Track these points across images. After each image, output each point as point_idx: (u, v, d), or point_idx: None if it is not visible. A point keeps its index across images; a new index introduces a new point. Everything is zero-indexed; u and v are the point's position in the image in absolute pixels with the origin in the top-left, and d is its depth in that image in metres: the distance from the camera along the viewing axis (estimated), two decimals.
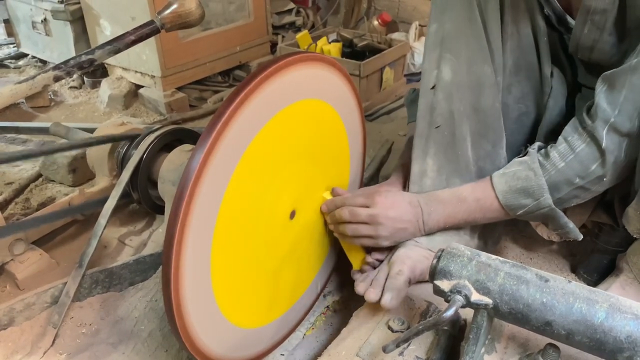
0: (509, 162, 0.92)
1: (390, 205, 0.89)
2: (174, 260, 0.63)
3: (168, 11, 1.27)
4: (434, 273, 0.72)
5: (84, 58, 1.21)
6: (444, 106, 0.90)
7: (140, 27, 1.27)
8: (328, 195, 0.92)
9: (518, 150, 0.99)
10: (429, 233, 0.92)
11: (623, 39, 0.83)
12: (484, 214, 0.89)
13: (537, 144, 0.88)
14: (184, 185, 0.62)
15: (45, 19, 2.01)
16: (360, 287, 0.86)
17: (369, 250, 0.96)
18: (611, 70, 0.78)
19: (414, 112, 0.97)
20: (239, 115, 0.66)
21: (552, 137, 0.97)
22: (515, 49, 0.93)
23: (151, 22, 1.29)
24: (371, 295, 0.83)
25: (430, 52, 0.91)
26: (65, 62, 1.22)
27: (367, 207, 0.88)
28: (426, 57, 0.92)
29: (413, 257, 0.89)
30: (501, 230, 1.06)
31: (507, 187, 0.86)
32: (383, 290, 0.83)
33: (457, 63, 0.89)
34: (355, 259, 0.96)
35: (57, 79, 1.24)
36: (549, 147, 0.85)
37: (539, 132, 0.98)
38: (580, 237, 0.89)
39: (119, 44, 1.23)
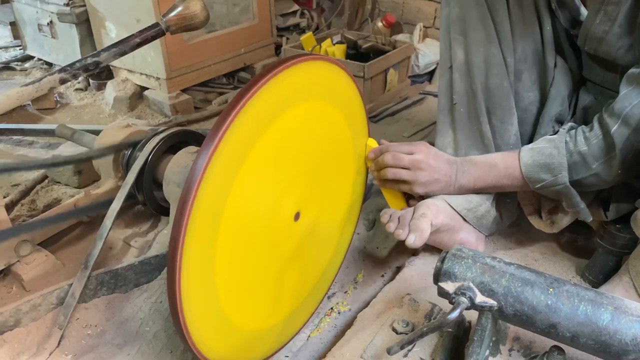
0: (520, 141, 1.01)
1: (433, 155, 0.97)
2: (179, 261, 0.63)
3: (173, 14, 1.28)
4: (439, 275, 0.72)
5: (89, 60, 1.22)
6: (459, 85, 0.98)
7: (146, 29, 1.27)
8: (372, 143, 1.00)
9: (527, 139, 1.03)
10: (459, 191, 0.99)
11: (631, 32, 0.85)
12: (512, 181, 0.95)
13: (568, 124, 0.94)
14: (189, 187, 0.62)
15: (51, 22, 2.02)
16: (390, 226, 0.93)
17: (407, 199, 1.05)
18: (638, 70, 0.81)
19: None
20: (243, 118, 0.66)
21: (553, 125, 1.01)
22: (522, 35, 0.97)
23: (156, 24, 1.29)
24: (400, 233, 0.91)
25: (444, 34, 1.00)
26: (71, 65, 1.23)
27: (411, 153, 0.96)
28: (441, 39, 1.01)
29: (437, 205, 0.98)
30: (517, 207, 1.09)
31: (532, 160, 0.92)
32: (409, 230, 0.91)
33: (467, 44, 0.96)
34: (395, 206, 1.06)
35: (63, 81, 1.25)
36: (579, 128, 0.90)
37: (540, 121, 1.01)
38: (590, 218, 0.94)
39: (125, 46, 1.24)
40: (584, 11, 0.93)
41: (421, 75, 2.10)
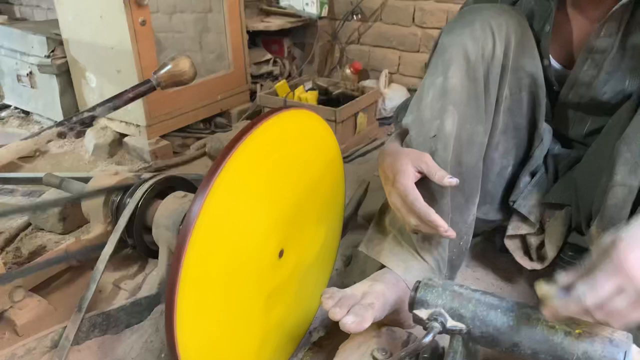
0: (478, 217, 1.03)
1: None
2: (176, 301, 0.67)
3: (163, 71, 1.37)
4: (413, 303, 0.80)
5: (85, 115, 1.28)
6: (441, 156, 0.91)
7: (138, 85, 1.36)
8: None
9: (498, 200, 1.08)
10: None
11: (617, 78, 0.96)
12: None
13: None
14: (186, 230, 0.67)
15: (30, 72, 2.06)
16: (328, 302, 0.86)
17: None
18: None
19: (403, 115, 1.00)
20: (234, 165, 0.73)
21: (530, 178, 1.06)
22: (507, 110, 1.00)
23: (148, 80, 1.38)
24: (336, 312, 0.83)
25: (434, 102, 0.93)
26: (69, 119, 1.29)
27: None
28: (428, 106, 0.93)
29: (387, 295, 0.91)
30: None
31: None
32: (348, 311, 0.84)
33: (457, 117, 0.92)
34: None
35: (61, 134, 1.31)
36: None
37: (521, 177, 1.05)
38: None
39: (119, 101, 1.31)
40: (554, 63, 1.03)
41: (388, 118, 2.22)
